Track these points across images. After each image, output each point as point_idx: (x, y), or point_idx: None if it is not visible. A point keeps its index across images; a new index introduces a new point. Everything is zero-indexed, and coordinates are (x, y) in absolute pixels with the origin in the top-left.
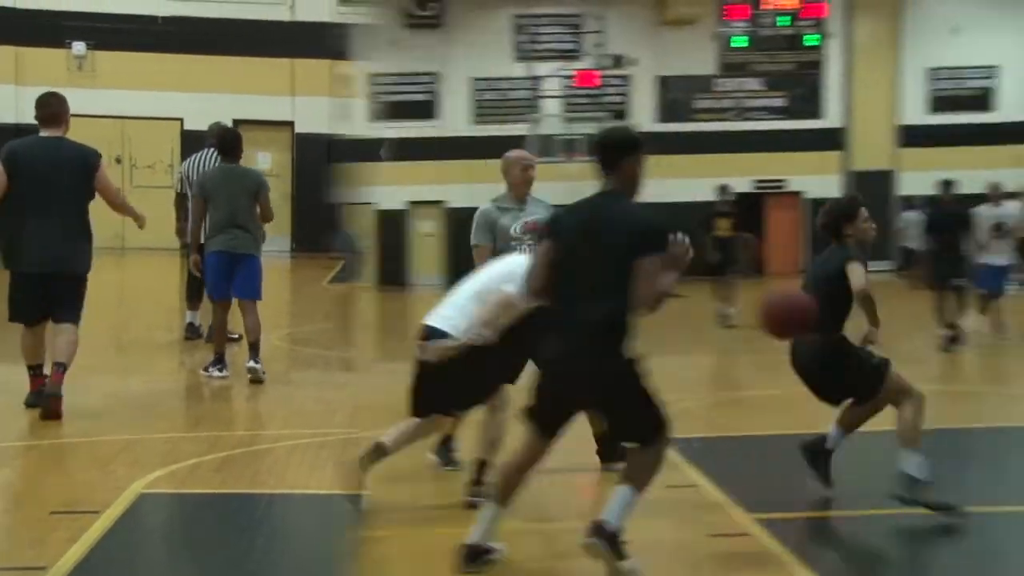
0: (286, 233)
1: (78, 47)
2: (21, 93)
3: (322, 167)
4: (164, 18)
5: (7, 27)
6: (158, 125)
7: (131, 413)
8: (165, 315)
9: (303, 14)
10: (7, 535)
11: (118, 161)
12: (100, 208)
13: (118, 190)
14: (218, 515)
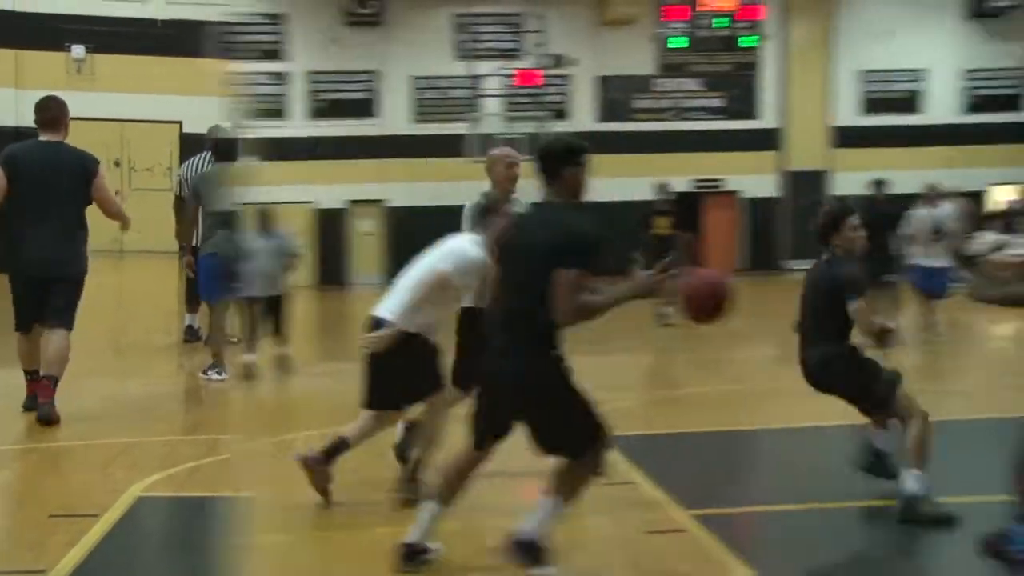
0: None
1: (77, 50)
2: (21, 96)
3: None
4: (164, 21)
5: (7, 30)
6: (157, 128)
7: (130, 416)
8: (164, 318)
9: None
10: (6, 538)
11: (117, 164)
12: (99, 212)
13: (115, 199)
14: (217, 518)
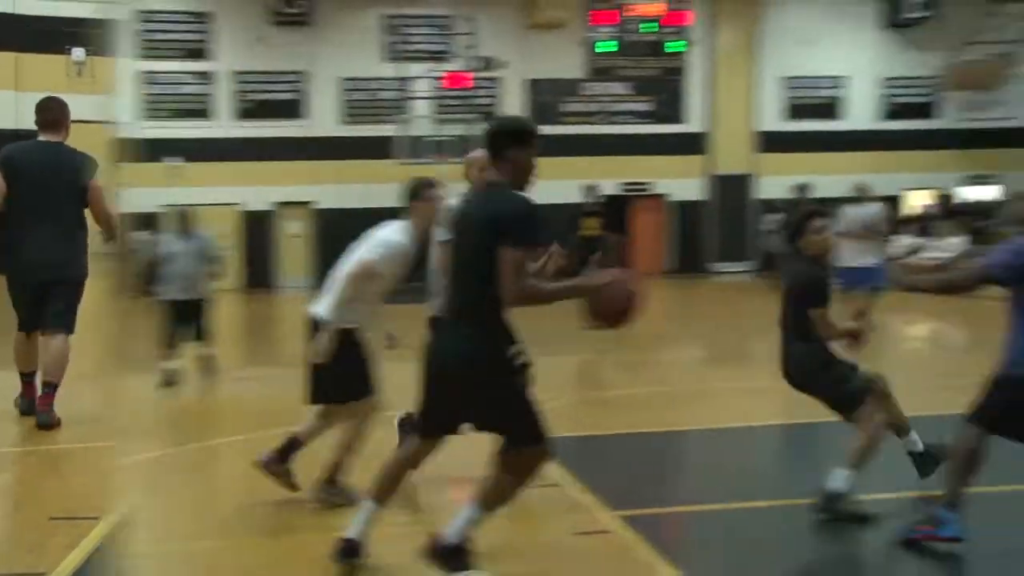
0: None
1: (78, 53)
2: (21, 99)
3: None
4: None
5: (7, 32)
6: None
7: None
8: None
9: None
10: (6, 540)
11: None
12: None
13: (107, 206)
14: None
